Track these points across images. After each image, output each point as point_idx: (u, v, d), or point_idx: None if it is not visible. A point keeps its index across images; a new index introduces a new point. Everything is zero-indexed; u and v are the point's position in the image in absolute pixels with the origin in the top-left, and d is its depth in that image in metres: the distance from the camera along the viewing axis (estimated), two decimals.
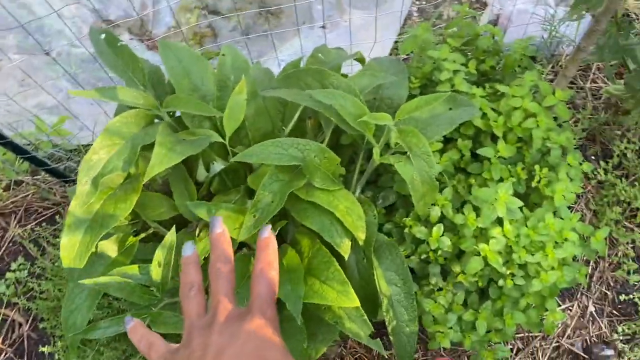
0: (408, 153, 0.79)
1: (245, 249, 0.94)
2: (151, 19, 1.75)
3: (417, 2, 1.77)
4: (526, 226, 0.92)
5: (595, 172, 1.21)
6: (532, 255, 0.91)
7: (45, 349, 1.16)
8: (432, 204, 0.92)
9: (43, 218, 1.41)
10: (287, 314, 0.84)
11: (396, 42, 1.65)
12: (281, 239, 0.94)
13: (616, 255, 1.15)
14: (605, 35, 1.05)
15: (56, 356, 1.17)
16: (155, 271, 0.76)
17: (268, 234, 0.47)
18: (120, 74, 0.86)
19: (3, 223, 1.42)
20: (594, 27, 0.82)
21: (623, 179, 1.18)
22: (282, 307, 0.81)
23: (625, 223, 1.18)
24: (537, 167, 0.98)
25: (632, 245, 1.16)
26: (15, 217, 1.42)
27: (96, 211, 0.79)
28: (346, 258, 0.79)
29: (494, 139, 1.01)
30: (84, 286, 0.82)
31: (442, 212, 0.94)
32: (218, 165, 0.89)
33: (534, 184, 0.98)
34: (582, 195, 1.22)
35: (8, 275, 1.31)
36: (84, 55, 1.65)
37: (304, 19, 1.73)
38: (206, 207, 0.82)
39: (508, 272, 0.92)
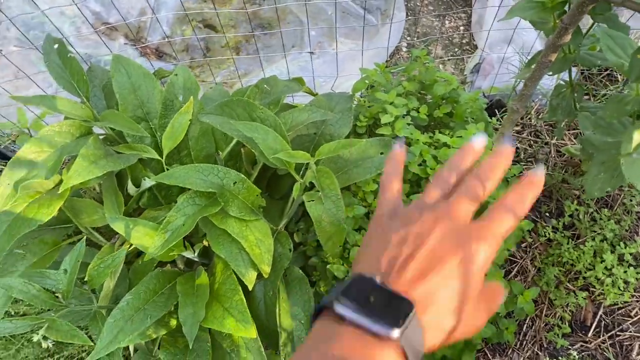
0: (320, 193, 0.80)
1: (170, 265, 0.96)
2: (148, 27, 1.80)
3: (408, 38, 1.78)
4: None
5: (545, 230, 1.20)
6: None
7: None
8: (353, 245, 0.93)
9: None
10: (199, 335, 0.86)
11: None
12: (207, 258, 0.96)
13: (553, 316, 1.14)
14: (558, 97, 1.05)
15: None
16: (61, 278, 0.78)
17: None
18: (65, 84, 0.89)
19: None
20: (523, 91, 0.83)
21: (571, 240, 1.16)
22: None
23: (568, 285, 1.16)
24: None
25: (570, 309, 1.14)
26: None
27: (17, 214, 0.82)
28: (250, 288, 0.80)
29: None
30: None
31: None
32: (149, 182, 0.91)
33: None
34: (528, 251, 1.21)
35: None
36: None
37: (294, 43, 1.76)
38: (124, 222, 0.84)
39: None
